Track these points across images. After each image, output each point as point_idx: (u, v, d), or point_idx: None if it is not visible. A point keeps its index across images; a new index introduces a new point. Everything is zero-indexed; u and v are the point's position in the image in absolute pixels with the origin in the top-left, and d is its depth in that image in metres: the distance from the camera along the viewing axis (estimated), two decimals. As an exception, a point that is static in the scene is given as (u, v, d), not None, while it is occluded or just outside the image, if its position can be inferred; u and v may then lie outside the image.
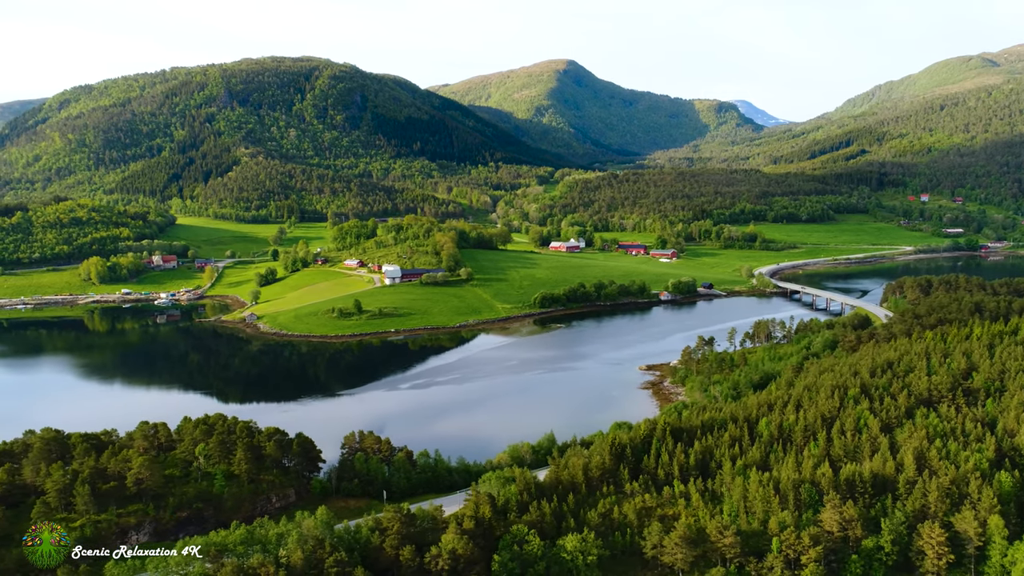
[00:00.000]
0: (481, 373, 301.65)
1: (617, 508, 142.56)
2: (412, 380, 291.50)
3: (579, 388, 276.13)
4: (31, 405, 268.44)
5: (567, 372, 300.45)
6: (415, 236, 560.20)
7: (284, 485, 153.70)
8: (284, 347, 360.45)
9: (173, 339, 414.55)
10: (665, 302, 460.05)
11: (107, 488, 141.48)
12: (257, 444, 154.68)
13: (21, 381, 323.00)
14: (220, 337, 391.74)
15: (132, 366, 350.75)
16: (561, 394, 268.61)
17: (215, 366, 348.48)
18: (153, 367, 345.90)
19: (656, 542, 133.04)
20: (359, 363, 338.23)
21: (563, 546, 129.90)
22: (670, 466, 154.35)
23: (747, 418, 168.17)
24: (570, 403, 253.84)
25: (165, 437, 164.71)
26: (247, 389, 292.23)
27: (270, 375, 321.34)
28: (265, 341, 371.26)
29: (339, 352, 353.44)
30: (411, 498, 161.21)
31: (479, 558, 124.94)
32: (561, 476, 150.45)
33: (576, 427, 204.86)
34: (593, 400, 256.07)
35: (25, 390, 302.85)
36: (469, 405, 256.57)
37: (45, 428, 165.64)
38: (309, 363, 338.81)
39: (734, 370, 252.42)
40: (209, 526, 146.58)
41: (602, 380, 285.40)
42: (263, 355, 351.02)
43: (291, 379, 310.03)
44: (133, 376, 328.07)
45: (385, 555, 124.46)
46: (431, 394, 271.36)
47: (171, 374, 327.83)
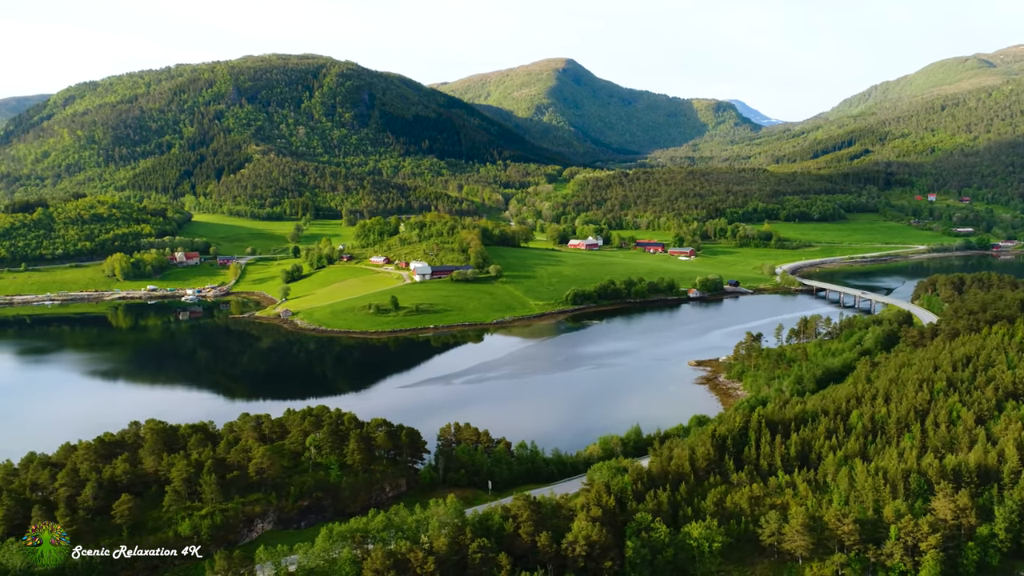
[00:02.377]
0: (531, 369, 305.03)
1: (730, 497, 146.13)
2: (465, 376, 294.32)
3: (635, 383, 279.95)
4: (109, 400, 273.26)
5: (616, 368, 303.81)
6: (439, 233, 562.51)
7: (395, 475, 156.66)
8: (327, 343, 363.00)
9: (214, 335, 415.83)
10: (693, 299, 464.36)
11: (231, 477, 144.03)
12: (367, 435, 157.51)
13: (87, 378, 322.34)
14: (260, 333, 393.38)
15: (181, 362, 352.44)
16: (619, 389, 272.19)
17: (266, 361, 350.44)
18: (202, 363, 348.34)
19: (774, 530, 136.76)
20: (406, 358, 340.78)
21: (688, 533, 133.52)
22: (772, 457, 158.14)
23: (837, 411, 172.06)
24: (633, 397, 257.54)
25: (269, 428, 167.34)
26: (305, 383, 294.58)
27: (323, 370, 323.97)
28: (306, 337, 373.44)
29: (382, 348, 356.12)
30: (513, 488, 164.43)
31: (612, 544, 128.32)
32: (669, 466, 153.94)
33: (648, 420, 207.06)
34: (654, 395, 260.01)
35: (94, 387, 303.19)
36: (529, 400, 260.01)
37: (150, 419, 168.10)
38: (356, 358, 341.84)
39: (791, 365, 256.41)
40: (328, 515, 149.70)
41: (655, 376, 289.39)
42: (308, 350, 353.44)
43: (344, 373, 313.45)
44: (185, 371, 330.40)
45: (521, 541, 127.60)
46: (488, 388, 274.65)
47: (224, 371, 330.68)
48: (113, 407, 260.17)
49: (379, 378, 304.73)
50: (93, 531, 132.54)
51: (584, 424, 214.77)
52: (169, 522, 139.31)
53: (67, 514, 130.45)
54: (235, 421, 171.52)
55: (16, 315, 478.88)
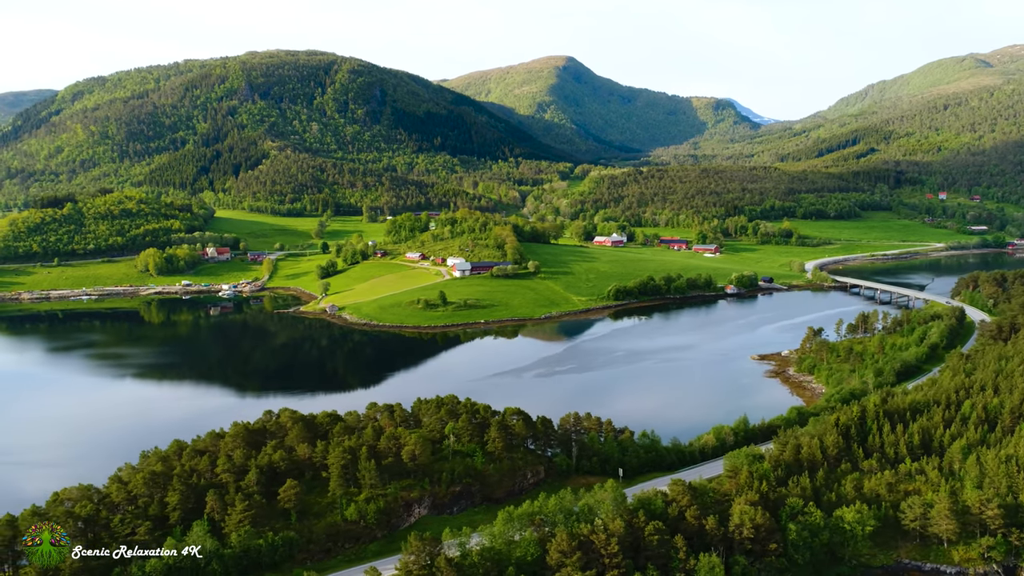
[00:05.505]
0: (595, 363, 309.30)
1: (866, 483, 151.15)
2: (533, 369, 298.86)
3: (707, 377, 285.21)
4: (207, 393, 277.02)
5: (681, 363, 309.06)
6: (470, 230, 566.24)
7: (535, 462, 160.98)
8: (382, 337, 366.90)
9: (268, 330, 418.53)
10: (730, 295, 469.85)
11: (385, 463, 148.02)
12: (506, 424, 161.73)
13: (178, 369, 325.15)
14: (312, 327, 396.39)
15: (242, 357, 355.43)
16: (693, 382, 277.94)
17: (333, 355, 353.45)
18: (276, 357, 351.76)
19: (918, 514, 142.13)
20: (464, 352, 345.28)
21: (841, 517, 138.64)
22: (896, 445, 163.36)
23: (949, 401, 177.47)
24: (711, 390, 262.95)
25: (401, 417, 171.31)
26: (376, 374, 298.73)
27: (391, 362, 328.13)
28: (359, 332, 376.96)
29: (431, 342, 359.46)
30: (639, 476, 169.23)
31: (776, 527, 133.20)
32: (800, 454, 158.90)
33: (738, 412, 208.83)
34: (730, 388, 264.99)
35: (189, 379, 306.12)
36: (608, 393, 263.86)
37: (283, 408, 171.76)
38: (418, 352, 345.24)
39: (862, 359, 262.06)
40: (476, 500, 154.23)
41: (723, 370, 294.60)
42: (366, 344, 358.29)
43: (410, 366, 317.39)
44: (253, 365, 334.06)
45: (687, 524, 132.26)
46: (559, 382, 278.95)
47: (302, 364, 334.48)
48: (211, 400, 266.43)
49: (444, 371, 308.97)
50: (265, 516, 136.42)
51: (675, 415, 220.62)
52: (331, 507, 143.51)
53: (244, 499, 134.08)
54: (366, 411, 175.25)
55: (49, 310, 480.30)
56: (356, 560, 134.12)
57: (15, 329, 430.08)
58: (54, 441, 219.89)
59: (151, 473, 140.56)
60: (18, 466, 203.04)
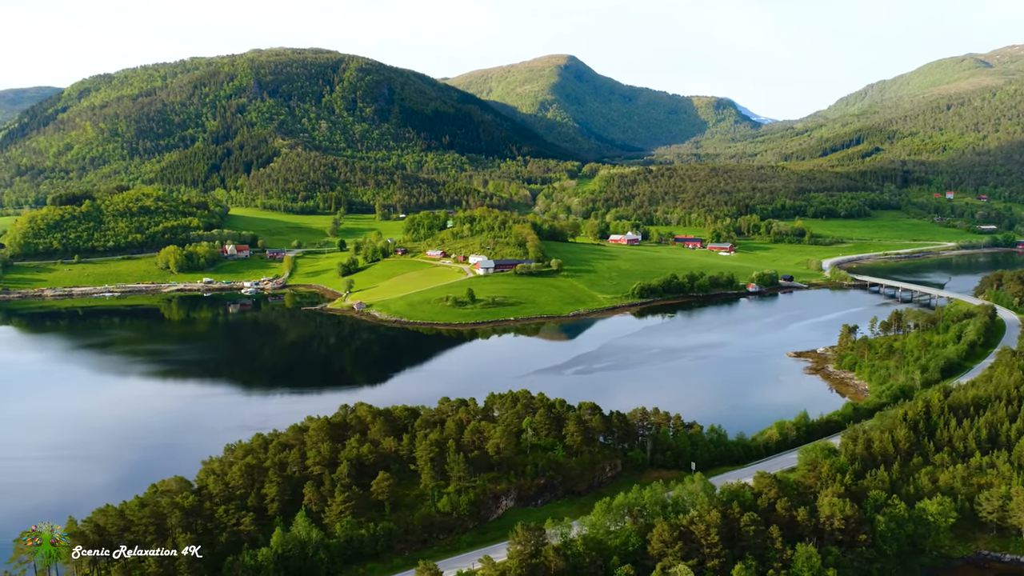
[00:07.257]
0: (631, 360, 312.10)
1: (941, 476, 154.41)
2: (572, 367, 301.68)
3: (747, 373, 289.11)
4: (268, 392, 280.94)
5: (717, 359, 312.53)
6: (489, 228, 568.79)
7: (612, 456, 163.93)
8: (413, 334, 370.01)
9: (303, 326, 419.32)
10: (752, 293, 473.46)
11: (472, 457, 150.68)
12: (583, 418, 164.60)
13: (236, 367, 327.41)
14: (342, 325, 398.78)
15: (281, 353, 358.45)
16: (735, 379, 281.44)
17: (370, 352, 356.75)
18: (301, 354, 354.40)
19: (996, 506, 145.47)
20: (503, 350, 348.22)
21: (924, 509, 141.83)
22: (965, 439, 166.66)
23: (1010, 397, 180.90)
24: (754, 386, 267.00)
25: (475, 412, 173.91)
26: (423, 372, 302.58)
27: (427, 359, 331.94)
28: (390, 329, 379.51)
29: (467, 338, 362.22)
30: (710, 470, 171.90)
31: (864, 519, 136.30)
32: (873, 448, 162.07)
33: (789, 408, 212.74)
34: (772, 385, 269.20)
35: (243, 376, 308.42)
36: (652, 389, 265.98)
37: (359, 403, 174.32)
38: (452, 350, 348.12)
39: (905, 356, 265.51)
40: (559, 493, 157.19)
41: (761, 367, 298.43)
42: (399, 341, 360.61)
43: (450, 362, 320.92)
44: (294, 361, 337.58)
45: (777, 516, 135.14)
46: (601, 379, 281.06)
47: (350, 360, 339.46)
48: (273, 396, 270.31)
49: (484, 368, 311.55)
50: (361, 507, 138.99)
51: (723, 410, 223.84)
52: (421, 498, 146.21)
53: (343, 491, 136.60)
54: (438, 405, 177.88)
55: (71, 307, 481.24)
56: (452, 551, 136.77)
57: (35, 326, 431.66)
58: (104, 438, 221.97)
59: (247, 466, 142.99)
60: (80, 460, 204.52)
